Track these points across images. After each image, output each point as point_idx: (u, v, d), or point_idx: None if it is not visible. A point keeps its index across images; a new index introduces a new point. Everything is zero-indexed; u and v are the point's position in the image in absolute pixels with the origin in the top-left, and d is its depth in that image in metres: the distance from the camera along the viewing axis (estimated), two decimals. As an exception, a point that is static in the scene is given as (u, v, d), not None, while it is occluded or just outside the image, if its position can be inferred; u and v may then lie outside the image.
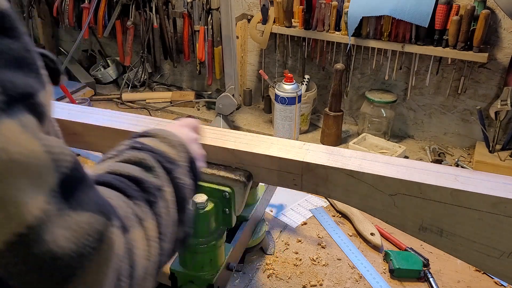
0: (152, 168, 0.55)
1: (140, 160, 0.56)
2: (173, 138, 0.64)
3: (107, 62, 2.30)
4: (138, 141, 0.61)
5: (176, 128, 0.72)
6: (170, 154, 0.60)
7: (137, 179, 0.52)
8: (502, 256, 0.67)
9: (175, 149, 0.62)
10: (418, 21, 1.50)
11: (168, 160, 0.59)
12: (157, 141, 0.62)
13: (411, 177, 0.70)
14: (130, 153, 0.57)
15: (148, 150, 0.59)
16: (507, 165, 1.52)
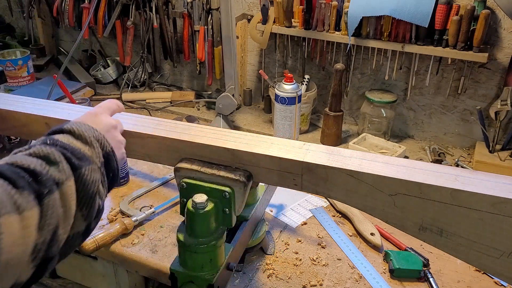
0: (56, 163, 0.58)
1: (45, 155, 0.58)
2: (88, 134, 0.66)
3: (107, 62, 2.30)
4: (52, 137, 0.64)
5: (94, 117, 0.74)
6: (82, 150, 0.63)
7: (34, 171, 0.54)
8: (502, 256, 0.67)
9: (88, 145, 0.65)
10: (418, 21, 1.50)
11: (78, 156, 0.61)
12: (70, 138, 0.64)
13: (411, 177, 0.70)
14: (38, 147, 0.60)
15: (58, 145, 0.61)
16: (507, 165, 1.52)
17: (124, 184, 1.42)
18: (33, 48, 2.33)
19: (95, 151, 0.65)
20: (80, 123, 0.68)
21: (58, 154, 0.59)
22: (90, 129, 0.67)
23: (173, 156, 0.87)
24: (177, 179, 0.86)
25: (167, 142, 0.86)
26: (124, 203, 1.31)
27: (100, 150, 0.67)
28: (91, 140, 0.66)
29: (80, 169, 0.60)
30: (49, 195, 0.54)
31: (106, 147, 0.68)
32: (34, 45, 2.36)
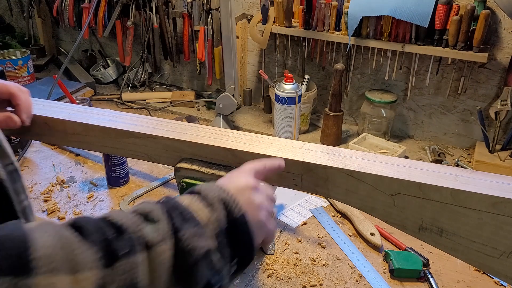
0: (155, 222, 0.50)
1: (147, 212, 0.51)
2: (213, 194, 0.57)
3: (107, 62, 2.30)
4: (170, 197, 0.57)
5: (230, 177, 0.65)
6: (194, 212, 0.54)
7: (121, 227, 0.47)
8: (502, 256, 0.67)
9: (209, 207, 0.55)
10: (418, 21, 1.50)
11: (184, 217, 0.52)
12: (195, 200, 0.56)
13: (411, 177, 0.70)
14: (146, 204, 0.53)
15: (171, 204, 0.54)
16: (507, 165, 1.52)
17: (124, 184, 1.42)
18: (33, 48, 2.33)
19: (214, 213, 0.55)
20: (212, 185, 0.60)
21: (162, 212, 0.51)
22: (217, 189, 0.58)
23: (173, 156, 0.87)
24: (177, 179, 0.86)
25: (167, 142, 0.86)
26: (124, 203, 1.31)
27: (225, 212, 0.56)
28: (213, 202, 0.56)
29: (180, 232, 0.50)
30: (126, 257, 0.45)
31: (234, 212, 0.57)
32: (34, 45, 2.37)
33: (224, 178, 0.66)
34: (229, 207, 0.57)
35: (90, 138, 0.91)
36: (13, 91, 0.84)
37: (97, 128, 0.90)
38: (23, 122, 0.86)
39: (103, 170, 1.41)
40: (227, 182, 0.63)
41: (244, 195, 0.61)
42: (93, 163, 1.54)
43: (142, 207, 0.52)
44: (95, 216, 0.49)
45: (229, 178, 0.65)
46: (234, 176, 0.66)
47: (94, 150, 0.96)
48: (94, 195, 1.37)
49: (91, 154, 1.56)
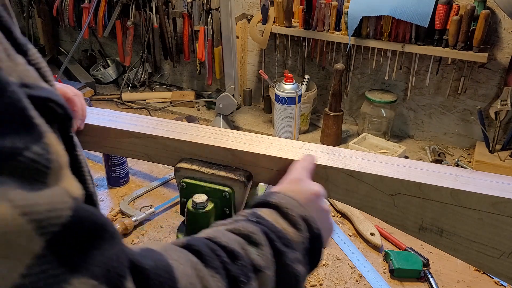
0: (259, 245, 0.49)
1: (249, 234, 0.50)
2: (294, 211, 0.56)
3: (107, 62, 2.30)
4: (256, 212, 0.55)
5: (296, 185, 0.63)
6: (287, 234, 0.53)
7: (233, 252, 0.46)
8: (502, 256, 0.67)
9: (294, 227, 0.54)
10: (418, 21, 1.50)
11: (283, 241, 0.51)
12: (275, 214, 0.55)
13: (411, 177, 0.70)
14: (242, 223, 0.51)
15: (263, 224, 0.52)
16: (507, 165, 1.52)
17: (124, 184, 1.42)
18: (33, 48, 2.33)
19: (301, 235, 0.54)
20: (286, 196, 0.58)
21: (262, 235, 0.50)
22: (296, 205, 0.57)
23: (173, 156, 0.87)
24: (177, 179, 0.85)
25: (167, 142, 0.86)
26: (124, 203, 1.31)
27: (307, 233, 0.55)
28: (296, 220, 0.55)
29: (283, 256, 0.50)
30: (244, 284, 0.45)
31: (314, 230, 0.56)
32: (34, 45, 2.35)
33: (289, 185, 0.63)
34: (309, 226, 0.56)
35: (90, 138, 0.91)
36: (69, 96, 0.83)
37: (97, 128, 0.90)
38: (78, 127, 0.85)
39: (103, 170, 1.41)
40: (296, 191, 0.61)
41: (315, 205, 0.61)
42: (93, 163, 1.54)
43: (241, 228, 0.51)
44: (195, 238, 0.47)
45: (295, 185, 0.63)
46: (298, 183, 0.64)
47: (94, 150, 0.96)
48: (94, 195, 1.37)
49: (91, 154, 1.56)
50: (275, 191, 0.60)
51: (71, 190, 0.33)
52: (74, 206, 0.31)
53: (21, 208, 0.28)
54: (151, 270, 0.37)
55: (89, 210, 0.33)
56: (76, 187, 0.34)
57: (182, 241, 0.46)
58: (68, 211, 0.31)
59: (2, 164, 0.28)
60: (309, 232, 0.55)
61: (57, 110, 0.36)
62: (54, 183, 0.32)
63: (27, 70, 0.35)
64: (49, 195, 0.30)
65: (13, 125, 0.29)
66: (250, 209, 0.57)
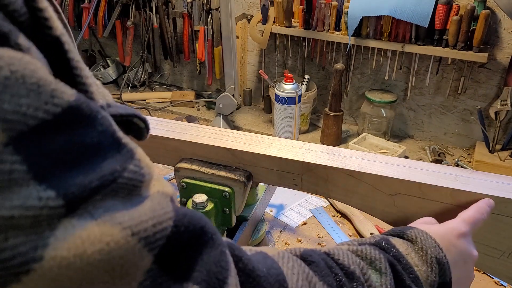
0: (382, 274, 0.46)
1: (373, 260, 0.47)
2: (432, 253, 0.51)
3: (107, 62, 2.30)
4: (389, 239, 0.51)
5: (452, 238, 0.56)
6: (417, 271, 0.49)
7: (352, 274, 0.44)
8: (502, 256, 0.67)
9: (428, 266, 0.50)
10: (418, 21, 1.50)
11: (410, 276, 0.48)
12: (411, 249, 0.51)
13: (411, 177, 0.70)
14: (368, 248, 0.48)
15: (392, 255, 0.49)
16: (507, 165, 1.52)
17: (124, 184, 1.42)
18: (33, 48, 2.33)
19: (431, 276, 0.50)
20: (427, 235, 0.53)
21: (387, 265, 0.47)
22: (436, 249, 0.52)
23: (173, 156, 0.87)
24: (177, 179, 0.85)
25: (167, 142, 0.86)
26: (124, 203, 1.31)
27: (438, 277, 0.51)
28: (432, 261, 0.50)
29: None
30: None
31: (446, 277, 0.52)
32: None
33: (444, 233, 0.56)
34: (442, 272, 0.52)
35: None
36: None
37: (97, 128, 0.90)
38: None
39: (103, 170, 1.41)
40: (448, 242, 0.55)
41: (461, 264, 0.57)
42: (93, 163, 1.54)
43: (366, 252, 0.48)
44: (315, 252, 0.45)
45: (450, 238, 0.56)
46: (457, 237, 0.57)
47: (94, 150, 0.96)
48: (94, 195, 1.37)
49: (91, 154, 1.56)
50: (417, 227, 0.55)
51: (167, 190, 0.34)
52: (175, 214, 0.32)
53: (130, 229, 0.29)
54: (262, 276, 0.37)
55: (187, 214, 0.33)
56: (167, 185, 0.35)
57: (299, 250, 0.44)
58: (170, 221, 0.31)
59: (106, 189, 0.29)
60: (440, 278, 0.51)
61: (140, 124, 0.37)
62: (147, 193, 0.32)
63: (103, 88, 0.36)
64: (150, 207, 0.31)
65: (108, 150, 0.30)
66: (383, 235, 0.53)
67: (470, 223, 0.60)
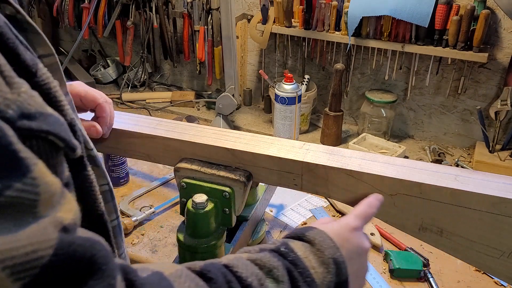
0: (279, 282, 0.48)
1: (271, 268, 0.48)
2: (329, 253, 0.54)
3: (107, 62, 2.30)
4: (288, 244, 0.53)
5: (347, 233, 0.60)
6: (313, 274, 0.51)
7: (248, 286, 0.45)
8: (502, 256, 0.67)
9: (324, 268, 0.53)
10: (418, 21, 1.50)
11: (306, 280, 0.50)
12: (309, 251, 0.53)
13: (411, 177, 0.70)
14: (267, 256, 0.50)
15: (290, 260, 0.51)
16: (507, 165, 1.52)
17: (124, 184, 1.42)
18: (33, 48, 2.33)
19: (328, 277, 0.53)
20: (325, 236, 0.56)
21: (284, 272, 0.49)
22: (333, 248, 0.55)
23: (173, 156, 0.87)
24: (177, 179, 0.85)
25: (167, 142, 0.86)
26: (124, 203, 1.31)
27: (334, 278, 0.53)
28: (329, 262, 0.53)
29: None
30: None
31: (342, 276, 0.54)
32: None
33: (340, 230, 0.60)
34: (339, 271, 0.54)
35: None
36: (100, 102, 0.82)
37: (97, 128, 0.90)
38: (103, 134, 0.84)
39: (103, 170, 1.41)
40: (343, 238, 0.59)
41: (356, 259, 0.59)
42: (93, 163, 1.54)
43: (265, 260, 0.49)
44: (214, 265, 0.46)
45: (346, 233, 0.60)
46: (352, 232, 0.61)
47: (94, 150, 0.96)
48: (94, 195, 1.36)
49: (91, 154, 1.56)
50: (315, 227, 0.58)
51: (64, 217, 0.32)
52: (58, 242, 0.30)
53: None
54: None
55: (75, 243, 0.32)
56: (71, 210, 0.34)
57: (199, 265, 0.45)
58: (49, 250, 0.30)
59: None
60: (337, 277, 0.54)
61: (58, 143, 0.35)
62: (44, 214, 0.31)
63: (31, 97, 0.34)
64: (31, 233, 0.29)
65: None
66: (282, 239, 0.55)
67: (362, 218, 0.64)
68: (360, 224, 0.63)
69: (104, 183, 0.55)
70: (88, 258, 0.32)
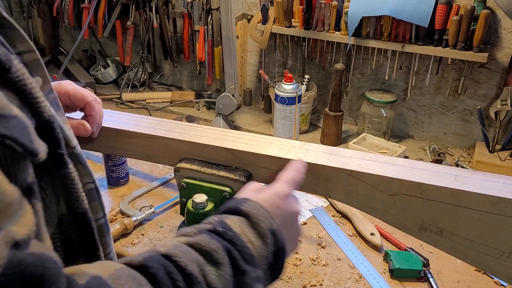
0: (219, 265, 0.48)
1: (209, 251, 0.49)
2: (265, 225, 0.55)
3: (107, 62, 2.30)
4: (224, 221, 0.53)
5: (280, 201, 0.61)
6: (252, 249, 0.52)
7: (190, 276, 0.45)
8: (502, 256, 0.67)
9: (261, 240, 0.54)
10: (418, 21, 1.50)
11: (245, 257, 0.51)
12: (244, 225, 0.54)
13: (411, 177, 0.70)
14: (205, 238, 0.50)
15: (228, 239, 0.51)
16: (507, 165, 1.52)
17: (124, 184, 1.42)
18: (33, 48, 2.33)
19: (266, 248, 0.54)
20: (260, 208, 0.57)
21: (224, 254, 0.49)
22: (269, 219, 0.56)
23: (173, 156, 0.87)
24: (177, 179, 0.85)
25: (167, 142, 0.86)
26: (124, 203, 1.31)
27: (272, 247, 0.55)
28: (266, 233, 0.55)
29: (244, 276, 0.50)
30: None
31: (279, 244, 0.56)
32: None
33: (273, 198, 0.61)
34: (276, 240, 0.56)
35: (90, 138, 0.91)
36: (89, 101, 0.82)
37: (97, 128, 0.90)
38: (92, 133, 0.84)
39: (103, 170, 1.41)
40: (277, 206, 0.60)
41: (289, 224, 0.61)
42: (93, 163, 1.54)
43: (203, 243, 0.49)
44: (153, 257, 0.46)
45: (278, 201, 0.61)
46: (280, 197, 0.62)
47: (94, 150, 0.96)
48: (94, 195, 1.37)
49: (91, 154, 1.56)
50: (249, 198, 0.59)
51: (18, 232, 0.32)
52: (8, 261, 0.30)
53: None
54: None
55: (27, 260, 0.31)
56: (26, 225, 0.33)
57: (138, 259, 0.45)
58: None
59: None
60: (274, 246, 0.55)
61: (16, 148, 0.34)
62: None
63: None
64: None
65: None
66: (219, 215, 0.55)
67: (291, 183, 0.67)
68: (290, 189, 0.65)
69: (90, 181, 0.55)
70: (37, 277, 0.32)
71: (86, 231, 0.50)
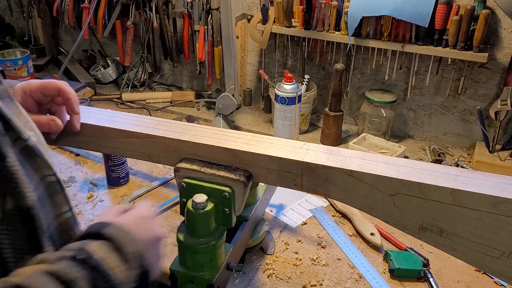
0: None
1: (70, 282, 0.46)
2: (128, 248, 0.54)
3: (107, 62, 2.30)
4: (86, 249, 0.51)
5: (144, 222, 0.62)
6: (116, 275, 0.51)
7: None
8: (502, 256, 0.67)
9: (125, 264, 0.53)
10: (418, 21, 1.50)
11: (110, 282, 0.50)
12: (108, 249, 0.53)
13: (411, 177, 0.70)
14: (66, 266, 0.48)
15: (91, 266, 0.49)
16: (507, 165, 1.52)
17: (124, 184, 1.42)
18: (33, 48, 2.33)
19: (130, 273, 0.53)
20: (123, 230, 0.56)
21: (85, 283, 0.48)
22: (133, 242, 0.56)
23: (173, 156, 0.87)
24: (177, 179, 0.86)
25: (167, 142, 0.86)
26: (124, 203, 1.31)
27: (137, 271, 0.55)
28: (130, 257, 0.54)
29: None
30: None
31: (144, 267, 0.56)
32: (34, 45, 2.36)
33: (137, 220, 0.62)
34: (140, 263, 0.56)
35: (90, 138, 0.91)
36: (61, 86, 0.81)
37: (97, 128, 0.90)
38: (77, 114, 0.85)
39: (103, 170, 1.41)
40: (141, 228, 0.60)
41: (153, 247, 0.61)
42: (93, 163, 1.54)
43: (64, 273, 0.47)
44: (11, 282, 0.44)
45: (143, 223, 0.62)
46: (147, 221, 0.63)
47: (94, 150, 0.96)
48: (94, 195, 1.37)
49: (91, 154, 1.56)
50: (111, 222, 0.57)
51: None
52: None
53: None
54: None
55: None
56: None
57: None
58: None
59: None
60: (139, 269, 0.55)
61: None
62: None
63: None
64: None
65: None
66: (80, 242, 0.53)
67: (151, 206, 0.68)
68: (151, 213, 0.65)
69: (49, 174, 0.54)
70: None
71: (28, 227, 0.49)
